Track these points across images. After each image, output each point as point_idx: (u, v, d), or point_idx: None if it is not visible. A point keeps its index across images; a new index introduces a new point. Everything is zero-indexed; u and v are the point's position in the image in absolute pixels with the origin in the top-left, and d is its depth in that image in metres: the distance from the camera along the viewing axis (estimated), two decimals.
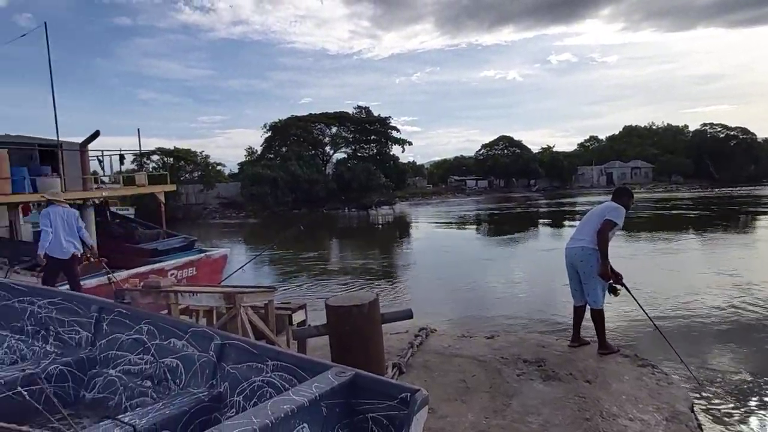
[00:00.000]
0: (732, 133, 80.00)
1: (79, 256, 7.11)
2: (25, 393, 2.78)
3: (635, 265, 12.58)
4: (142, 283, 3.55)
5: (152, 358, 3.18)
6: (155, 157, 42.96)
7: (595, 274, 4.75)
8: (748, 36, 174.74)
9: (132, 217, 16.59)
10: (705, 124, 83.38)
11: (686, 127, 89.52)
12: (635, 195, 5.28)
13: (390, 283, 12.89)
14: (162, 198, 12.46)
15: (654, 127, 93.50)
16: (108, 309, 3.45)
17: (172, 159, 43.97)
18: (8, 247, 9.21)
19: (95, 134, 10.82)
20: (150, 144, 49.92)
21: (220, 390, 2.89)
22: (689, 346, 6.84)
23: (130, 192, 13.93)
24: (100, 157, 12.55)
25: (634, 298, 5.04)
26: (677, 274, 12.28)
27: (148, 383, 3.13)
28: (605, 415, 3.65)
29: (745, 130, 79.73)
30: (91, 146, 11.11)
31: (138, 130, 14.09)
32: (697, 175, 76.83)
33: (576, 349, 5.00)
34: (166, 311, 3.80)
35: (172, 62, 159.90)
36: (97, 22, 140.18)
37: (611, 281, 4.81)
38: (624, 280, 4.89)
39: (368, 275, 14.17)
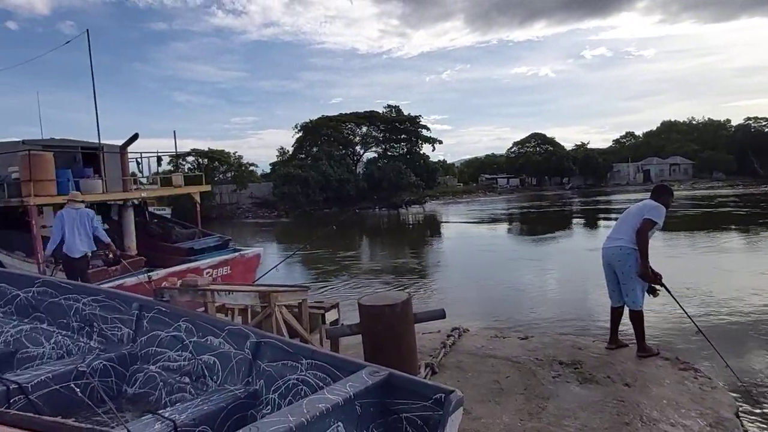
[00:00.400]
0: None
1: (90, 255, 7.43)
2: (72, 387, 2.89)
3: (678, 264, 12.19)
4: (180, 282, 3.63)
5: (190, 355, 3.26)
6: (190, 158, 44.05)
7: (633, 275, 4.62)
8: None
9: (169, 216, 17.05)
10: (748, 119, 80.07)
11: (728, 121, 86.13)
12: (675, 192, 5.12)
13: (422, 282, 12.86)
14: (198, 198, 12.75)
15: (694, 122, 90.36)
16: (148, 307, 3.55)
17: (206, 160, 44.95)
18: None
19: (134, 137, 11.14)
20: (185, 145, 51.27)
21: (255, 387, 2.93)
22: (733, 349, 6.58)
23: (167, 192, 14.29)
24: (139, 159, 12.93)
25: (675, 299, 4.88)
26: (723, 274, 11.83)
27: (187, 379, 3.20)
28: (645, 419, 3.54)
29: None
30: (130, 148, 11.46)
31: (174, 132, 14.46)
32: (740, 171, 73.80)
33: (613, 351, 4.87)
34: (202, 309, 3.88)
35: (206, 65, 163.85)
36: (135, 28, 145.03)
37: (650, 282, 4.69)
38: (663, 280, 4.75)
39: (400, 275, 14.17)
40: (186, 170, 40.79)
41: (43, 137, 11.54)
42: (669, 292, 4.82)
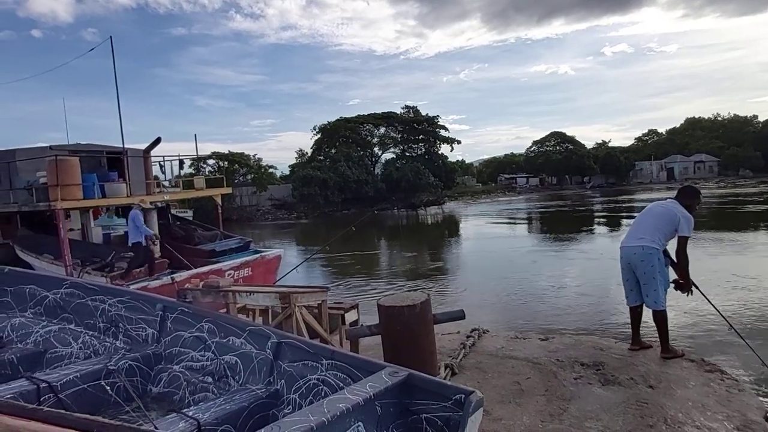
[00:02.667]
0: None
1: (142, 242, 9.00)
2: (99, 386, 2.97)
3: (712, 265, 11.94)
4: (202, 283, 3.70)
5: (213, 355, 3.32)
6: (211, 161, 44.67)
7: (656, 275, 4.54)
8: None
9: (191, 219, 17.32)
10: None
11: (755, 117, 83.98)
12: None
13: (441, 283, 12.83)
14: (219, 200, 12.94)
15: (719, 119, 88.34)
16: (171, 308, 3.62)
17: (226, 162, 45.53)
18: (81, 249, 9.82)
19: (157, 141, 11.36)
20: (206, 148, 51.86)
21: (276, 387, 2.97)
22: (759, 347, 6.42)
23: (189, 195, 14.56)
24: (162, 163, 13.19)
25: (707, 298, 4.82)
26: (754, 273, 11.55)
27: (210, 379, 3.26)
28: (670, 422, 3.48)
29: None
30: (153, 152, 11.68)
31: (195, 135, 14.70)
32: (767, 168, 71.93)
33: (636, 352, 4.79)
34: (224, 310, 3.95)
35: (226, 69, 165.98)
36: (156, 34, 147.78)
37: (677, 279, 4.69)
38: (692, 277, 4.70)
39: (419, 275, 14.16)
40: (207, 173, 41.36)
41: (69, 143, 11.85)
42: (699, 290, 4.75)
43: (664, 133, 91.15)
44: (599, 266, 13.40)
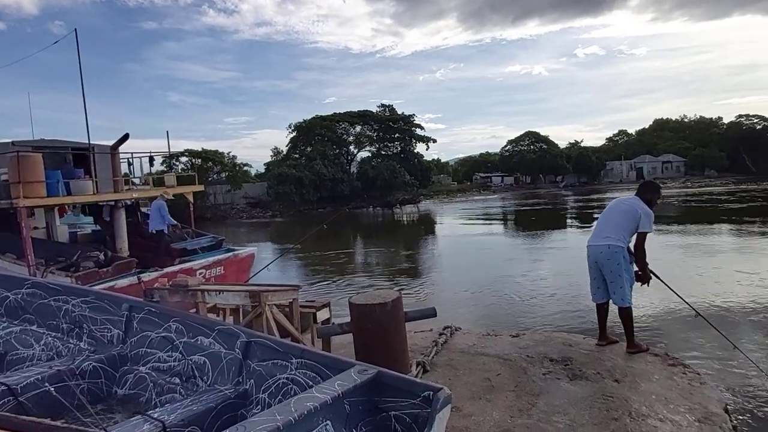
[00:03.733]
0: None
1: (165, 230, 10.07)
2: (62, 388, 2.89)
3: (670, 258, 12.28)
4: (170, 282, 3.64)
5: (180, 356, 3.26)
6: (184, 159, 43.86)
7: (622, 272, 4.65)
8: None
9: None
10: (740, 116, 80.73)
11: (720, 119, 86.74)
12: (663, 190, 5.16)
13: (416, 281, 12.89)
14: (191, 198, 12.73)
15: (686, 120, 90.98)
16: (138, 307, 3.54)
17: (200, 160, 44.79)
18: (45, 248, 9.53)
19: (125, 137, 11.10)
20: (179, 145, 51.12)
21: (245, 387, 2.94)
22: (722, 342, 6.64)
23: (159, 193, 14.24)
24: (131, 159, 12.89)
25: (669, 287, 4.95)
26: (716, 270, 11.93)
27: (177, 380, 3.21)
28: (634, 415, 3.57)
29: None
30: (121, 148, 11.40)
31: (167, 132, 14.45)
32: (732, 168, 74.39)
33: (603, 347, 4.90)
34: (194, 310, 3.89)
35: (199, 65, 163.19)
36: (126, 27, 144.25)
37: (638, 271, 4.79)
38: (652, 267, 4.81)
39: (394, 273, 14.19)
40: (179, 170, 40.64)
41: (33, 138, 11.48)
42: (660, 279, 4.86)
43: (633, 133, 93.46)
44: (571, 263, 13.63)
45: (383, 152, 54.78)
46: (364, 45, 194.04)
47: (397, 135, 55.16)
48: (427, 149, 57.22)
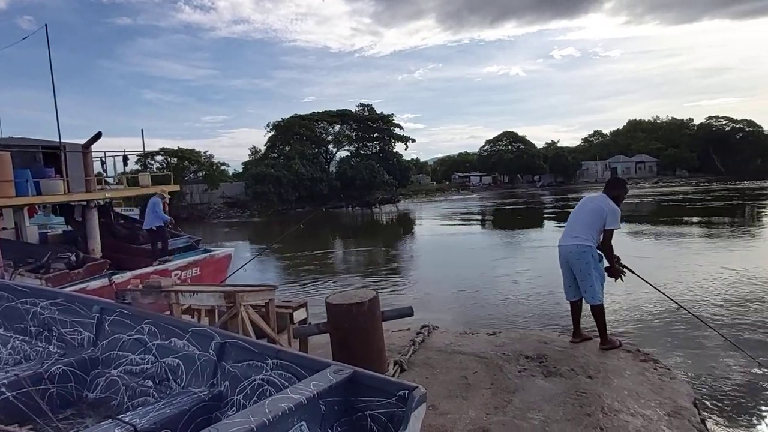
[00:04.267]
0: (738, 126, 79.53)
1: (156, 228, 9.98)
2: (30, 394, 2.81)
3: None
4: (142, 283, 3.57)
5: (153, 358, 3.20)
6: (159, 158, 43.15)
7: (592, 271, 4.71)
8: (754, 27, 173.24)
9: (136, 217, 16.67)
10: (710, 117, 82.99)
11: (691, 120, 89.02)
12: (634, 190, 5.27)
13: (393, 281, 12.91)
14: (166, 198, 12.51)
15: (658, 121, 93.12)
16: (109, 309, 3.47)
17: (176, 159, 44.08)
18: (14, 249, 9.26)
19: (97, 135, 10.85)
20: (154, 144, 50.21)
21: (220, 389, 2.90)
22: (693, 336, 6.82)
23: (133, 192, 13.98)
24: (104, 158, 12.62)
25: (643, 279, 5.02)
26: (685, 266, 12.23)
27: (150, 383, 3.15)
28: (606, 410, 3.64)
29: (751, 123, 79.28)
30: (94, 147, 11.15)
31: (142, 130, 14.24)
32: (702, 169, 76.42)
33: (577, 344, 4.98)
34: (168, 312, 3.83)
35: (176, 62, 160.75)
36: (98, 23, 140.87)
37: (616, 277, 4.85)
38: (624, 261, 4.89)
39: (371, 273, 14.19)
40: (154, 170, 39.96)
41: (1, 136, 11.14)
42: (634, 273, 4.92)
43: (608, 134, 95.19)
44: (549, 261, 13.82)
45: (362, 152, 54.75)
46: (343, 44, 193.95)
47: (376, 134, 55.19)
48: (406, 149, 57.49)
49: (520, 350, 4.87)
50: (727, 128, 79.76)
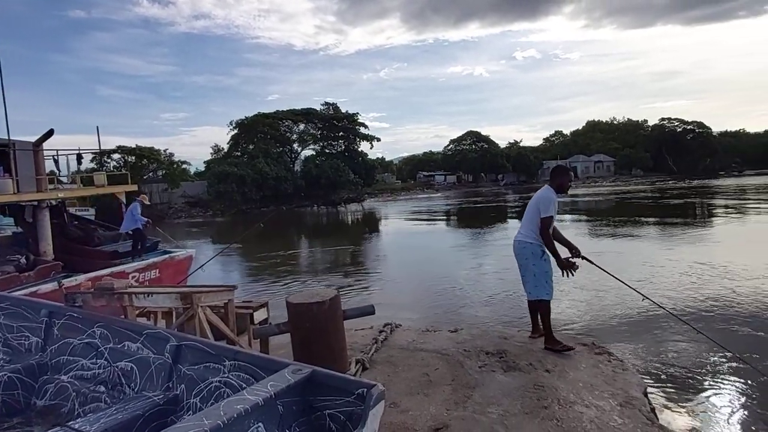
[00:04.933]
0: (689, 127, 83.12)
1: (132, 231, 10.33)
2: None
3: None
4: (94, 285, 3.46)
5: (106, 362, 3.11)
6: (116, 156, 41.76)
7: (531, 267, 4.73)
8: (704, 33, 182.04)
9: (92, 218, 16.10)
10: (663, 119, 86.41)
11: (646, 121, 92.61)
12: (595, 188, 5.39)
13: (357, 279, 12.90)
14: (123, 198, 12.16)
15: (615, 122, 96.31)
16: (58, 313, 3.35)
17: (133, 158, 42.76)
18: None
19: (49, 133, 10.44)
20: (111, 142, 48.41)
21: (176, 392, 2.84)
22: (645, 329, 7.09)
23: (88, 192, 13.52)
24: (56, 157, 12.15)
25: (602, 268, 4.90)
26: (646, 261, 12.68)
27: (102, 388, 3.05)
28: (562, 402, 3.74)
29: (701, 125, 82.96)
30: (46, 145, 10.71)
31: (97, 128, 13.69)
32: (656, 168, 79.52)
33: (536, 339, 5.09)
34: (123, 315, 3.72)
35: (133, 57, 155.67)
36: (50, 16, 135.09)
37: (568, 258, 4.75)
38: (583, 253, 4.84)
39: (336, 272, 14.14)
40: (111, 168, 38.67)
41: None
42: (592, 262, 4.84)
43: (568, 134, 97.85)
44: (510, 258, 14.09)
45: (327, 151, 54.45)
46: (308, 42, 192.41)
47: (341, 133, 54.98)
48: (371, 148, 57.50)
49: (481, 346, 4.96)
50: (679, 129, 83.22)
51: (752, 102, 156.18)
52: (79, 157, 13.01)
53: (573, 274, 4.70)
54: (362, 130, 55.31)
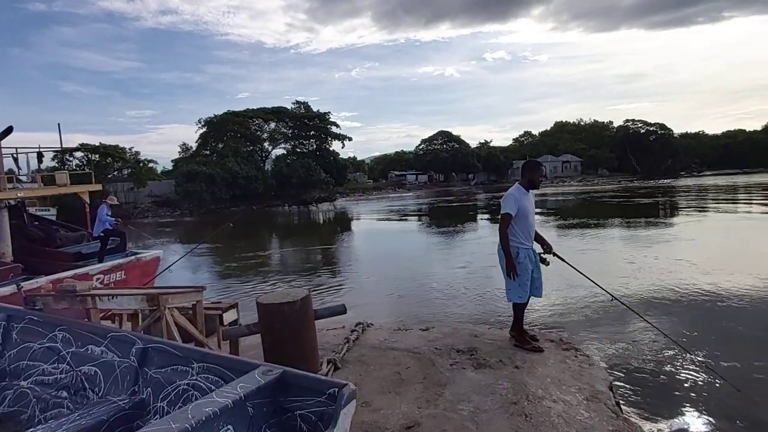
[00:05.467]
0: (651, 128, 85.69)
1: (103, 233, 10.14)
2: None
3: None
4: (55, 288, 3.34)
5: (68, 367, 3.02)
6: (79, 154, 40.50)
7: (502, 268, 4.76)
8: (666, 37, 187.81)
9: (53, 218, 15.57)
10: (627, 120, 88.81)
11: (611, 123, 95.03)
12: (564, 187, 5.47)
13: (329, 278, 12.84)
14: (86, 198, 11.80)
15: (582, 123, 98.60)
16: (17, 317, 3.23)
17: (97, 156, 41.53)
18: None
19: (8, 130, 10.03)
20: (74, 140, 46.91)
21: (142, 396, 2.78)
22: (613, 325, 7.29)
23: (49, 192, 13.08)
24: (15, 155, 11.70)
25: (571, 266, 4.96)
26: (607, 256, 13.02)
27: (64, 393, 2.96)
28: (531, 398, 3.81)
29: (663, 126, 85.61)
30: (4, 142, 10.29)
31: (59, 125, 13.26)
32: (620, 168, 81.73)
33: (510, 336, 5.16)
34: (86, 318, 3.61)
35: (97, 53, 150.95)
36: (8, 8, 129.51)
37: (541, 254, 4.82)
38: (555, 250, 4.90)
39: (308, 272, 14.05)
40: (73, 167, 37.49)
41: None
42: (563, 260, 4.92)
43: (537, 135, 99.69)
44: (482, 256, 14.26)
45: (298, 150, 54.06)
46: (278, 40, 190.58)
47: (312, 132, 54.66)
48: (342, 147, 57.44)
49: (452, 344, 5.00)
50: (643, 131, 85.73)
51: (710, 105, 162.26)
52: (40, 155, 12.56)
53: (515, 276, 4.63)
54: (334, 129, 55.15)
